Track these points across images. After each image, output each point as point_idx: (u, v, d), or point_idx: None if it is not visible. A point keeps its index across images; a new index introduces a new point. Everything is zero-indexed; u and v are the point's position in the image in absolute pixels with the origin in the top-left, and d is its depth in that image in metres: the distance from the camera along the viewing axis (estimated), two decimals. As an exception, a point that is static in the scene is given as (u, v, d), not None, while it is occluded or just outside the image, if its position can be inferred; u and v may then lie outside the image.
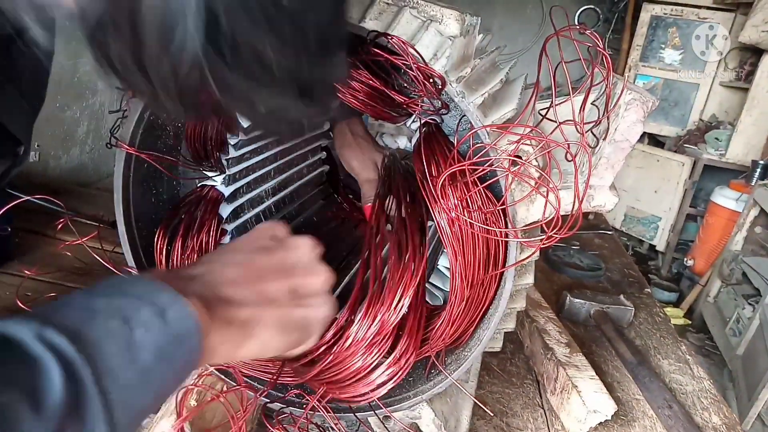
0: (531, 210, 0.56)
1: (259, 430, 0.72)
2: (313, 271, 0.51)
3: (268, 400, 0.68)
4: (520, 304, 0.65)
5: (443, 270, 0.72)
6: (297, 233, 0.55)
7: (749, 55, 3.47)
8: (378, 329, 0.57)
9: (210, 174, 0.77)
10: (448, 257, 0.59)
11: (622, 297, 1.14)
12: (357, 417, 0.66)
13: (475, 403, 0.76)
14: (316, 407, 0.64)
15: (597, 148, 0.56)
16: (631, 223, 3.93)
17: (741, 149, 3.38)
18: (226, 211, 0.76)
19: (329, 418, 0.64)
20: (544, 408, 0.86)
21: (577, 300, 1.10)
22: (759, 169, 3.07)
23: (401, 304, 0.57)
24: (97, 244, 0.73)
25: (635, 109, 0.54)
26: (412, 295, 0.57)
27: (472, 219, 0.56)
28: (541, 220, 0.55)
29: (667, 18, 3.75)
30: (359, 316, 0.58)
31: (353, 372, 0.60)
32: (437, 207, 0.57)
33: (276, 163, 0.89)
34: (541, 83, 0.53)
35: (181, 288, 0.38)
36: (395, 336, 0.59)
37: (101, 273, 0.67)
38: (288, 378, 0.67)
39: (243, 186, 0.81)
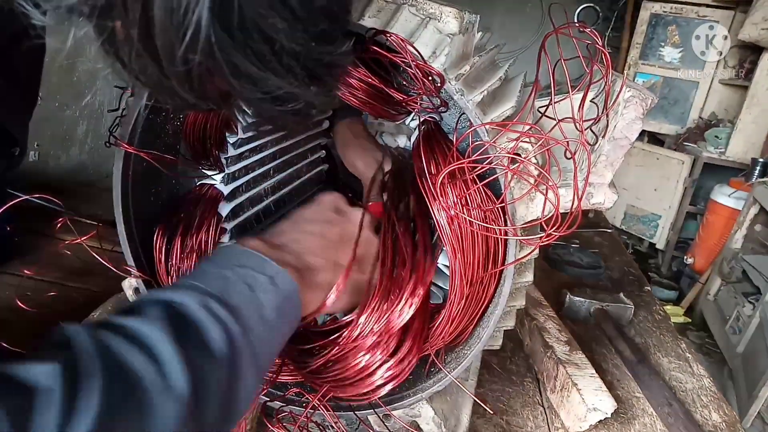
0: (530, 208, 0.56)
1: (259, 429, 0.72)
2: (371, 241, 0.61)
3: (268, 399, 0.68)
4: (520, 302, 0.64)
5: (442, 268, 0.72)
6: None
7: (749, 52, 3.46)
8: (384, 327, 0.57)
9: (209, 172, 0.77)
10: (447, 255, 0.59)
11: (622, 295, 1.14)
12: (357, 416, 0.66)
13: (475, 401, 0.76)
14: (317, 406, 0.64)
15: (596, 146, 0.56)
16: (631, 222, 3.93)
17: (741, 147, 3.38)
18: (225, 209, 0.76)
19: (329, 416, 0.64)
20: (544, 406, 0.86)
21: (577, 298, 1.10)
22: (759, 167, 3.06)
23: (411, 302, 0.57)
24: (97, 244, 0.73)
25: (634, 106, 0.54)
26: (422, 294, 0.57)
27: (471, 217, 0.56)
28: (540, 218, 0.55)
29: (666, 16, 3.75)
30: (366, 313, 0.58)
31: (356, 371, 0.60)
32: (436, 205, 0.57)
33: (275, 162, 0.89)
34: (540, 81, 0.53)
35: (277, 258, 0.48)
36: (399, 337, 0.59)
37: (101, 272, 0.67)
38: (288, 376, 0.68)
39: (242, 184, 0.81)
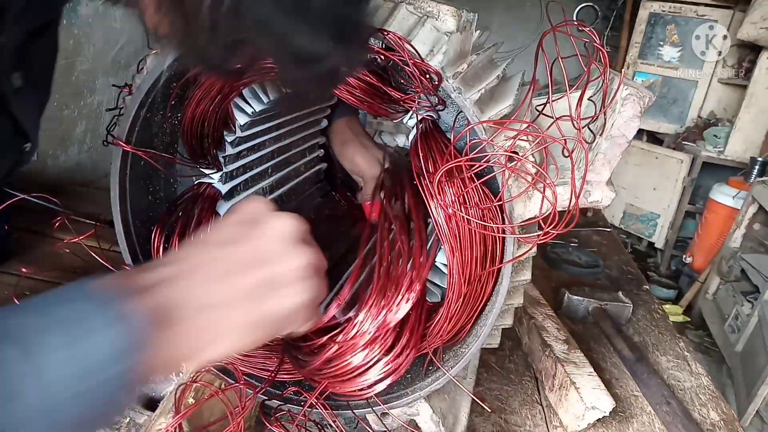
0: (528, 206, 0.56)
1: (257, 428, 0.72)
2: (290, 255, 0.46)
3: (266, 398, 0.68)
4: (518, 301, 0.65)
5: (440, 266, 0.72)
6: None
7: (748, 52, 3.47)
8: (381, 323, 0.57)
9: (207, 171, 0.77)
10: (445, 254, 0.59)
11: (621, 294, 1.14)
12: (355, 414, 0.66)
13: (473, 399, 0.76)
14: (314, 404, 0.64)
15: (594, 144, 0.56)
16: (629, 221, 3.93)
17: (739, 146, 3.38)
18: (223, 208, 0.76)
19: (327, 415, 0.64)
20: (542, 405, 0.86)
21: (575, 297, 1.10)
22: (757, 166, 3.07)
23: (407, 298, 0.57)
24: (95, 243, 0.73)
25: (632, 104, 0.54)
26: (419, 290, 0.57)
27: (469, 215, 0.56)
28: (538, 216, 0.55)
29: (665, 15, 3.75)
30: (363, 310, 0.58)
31: (354, 367, 0.60)
32: (434, 203, 0.57)
33: (273, 161, 0.89)
34: (538, 80, 0.53)
35: (135, 298, 0.37)
36: (396, 333, 0.59)
37: (99, 271, 0.67)
38: (286, 375, 0.68)
39: (240, 183, 0.81)
